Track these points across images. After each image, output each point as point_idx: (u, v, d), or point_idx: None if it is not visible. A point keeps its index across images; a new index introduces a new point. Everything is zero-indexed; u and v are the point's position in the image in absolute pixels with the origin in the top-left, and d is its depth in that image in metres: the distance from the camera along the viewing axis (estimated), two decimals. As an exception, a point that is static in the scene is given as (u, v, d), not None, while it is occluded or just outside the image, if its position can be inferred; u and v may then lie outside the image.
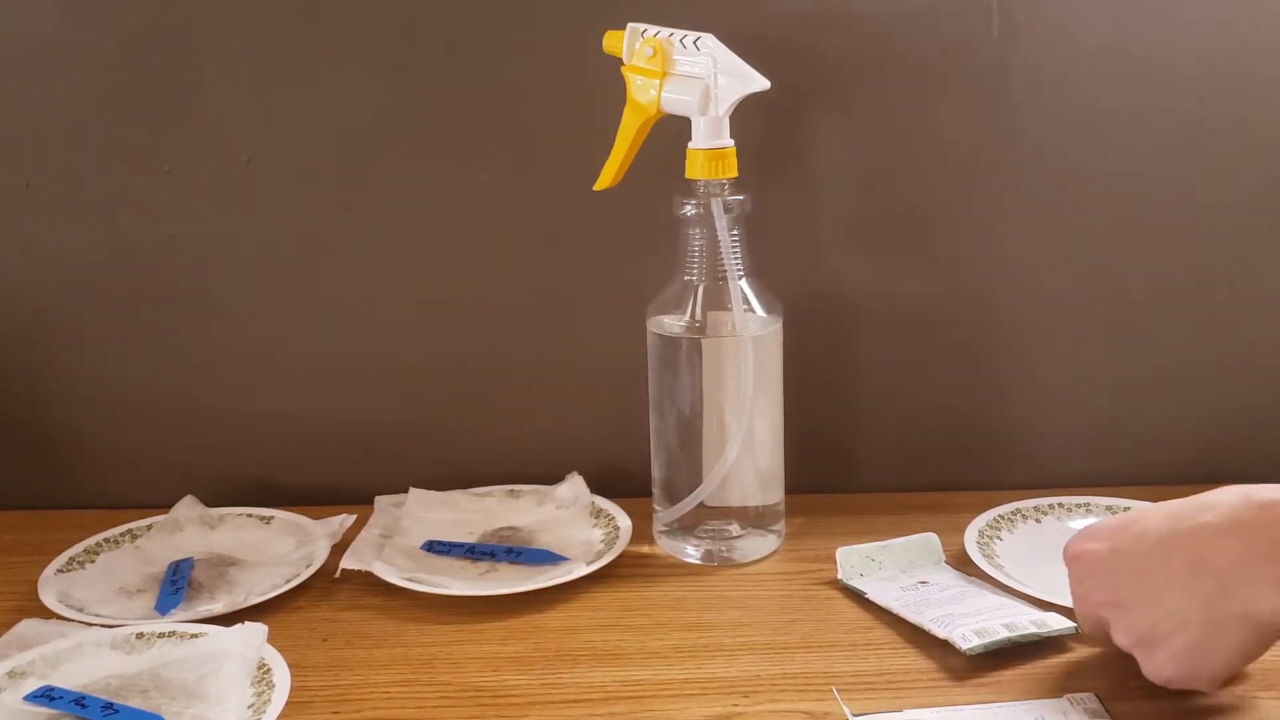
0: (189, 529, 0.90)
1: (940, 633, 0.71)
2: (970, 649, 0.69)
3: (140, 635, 0.72)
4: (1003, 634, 0.70)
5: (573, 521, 0.89)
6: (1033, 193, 0.91)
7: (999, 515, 0.87)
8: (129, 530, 0.88)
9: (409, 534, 0.87)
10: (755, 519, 0.85)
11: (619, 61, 0.82)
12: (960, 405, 0.95)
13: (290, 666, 0.68)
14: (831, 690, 0.67)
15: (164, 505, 0.92)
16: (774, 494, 0.86)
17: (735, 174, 0.81)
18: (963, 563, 0.81)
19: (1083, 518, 0.87)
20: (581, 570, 0.80)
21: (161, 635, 0.72)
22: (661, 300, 0.84)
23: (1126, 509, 0.86)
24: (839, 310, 0.94)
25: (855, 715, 0.64)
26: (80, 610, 0.77)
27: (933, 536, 0.82)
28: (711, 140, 0.80)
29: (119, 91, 0.90)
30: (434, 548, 0.85)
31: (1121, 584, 0.64)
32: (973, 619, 0.71)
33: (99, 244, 0.93)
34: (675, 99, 0.80)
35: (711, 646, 0.73)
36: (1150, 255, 0.92)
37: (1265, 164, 0.90)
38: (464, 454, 0.96)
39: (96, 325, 0.94)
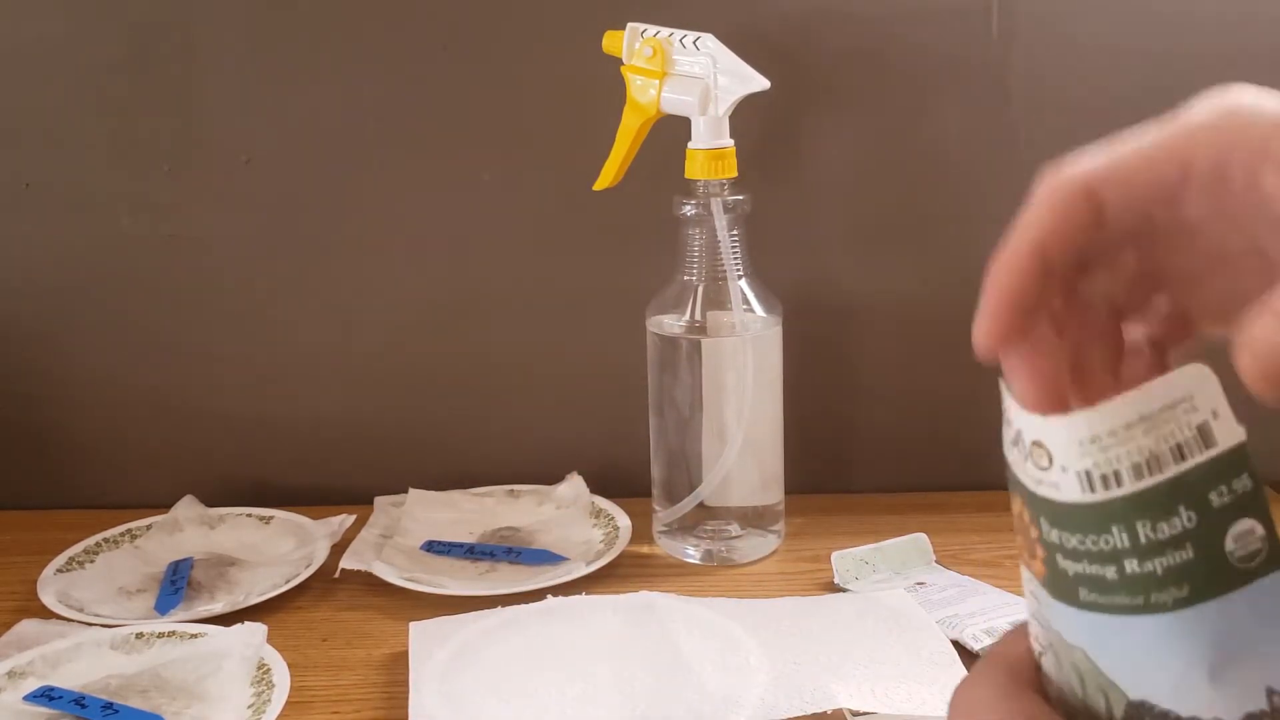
0: (188, 529, 0.89)
1: (949, 634, 0.71)
2: (983, 650, 0.69)
3: (140, 635, 0.72)
4: None
5: (572, 521, 0.89)
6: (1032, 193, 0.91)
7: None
8: (128, 530, 0.88)
9: (409, 534, 0.87)
10: (755, 519, 0.85)
11: (619, 61, 0.82)
12: (961, 405, 0.95)
13: (290, 666, 0.68)
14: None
15: (164, 505, 0.91)
16: (773, 494, 0.86)
17: (735, 174, 0.81)
18: (953, 562, 0.81)
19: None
20: (581, 570, 0.80)
21: (161, 635, 0.72)
22: (661, 300, 0.84)
23: None
24: (839, 310, 0.94)
25: (855, 714, 0.64)
26: (80, 610, 0.77)
27: (922, 536, 0.82)
28: (711, 140, 0.80)
29: (119, 91, 0.90)
30: (434, 548, 0.85)
31: None
32: (980, 618, 0.71)
33: (99, 244, 0.93)
34: (675, 99, 0.80)
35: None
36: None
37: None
38: (464, 454, 0.96)
39: (96, 325, 0.94)
